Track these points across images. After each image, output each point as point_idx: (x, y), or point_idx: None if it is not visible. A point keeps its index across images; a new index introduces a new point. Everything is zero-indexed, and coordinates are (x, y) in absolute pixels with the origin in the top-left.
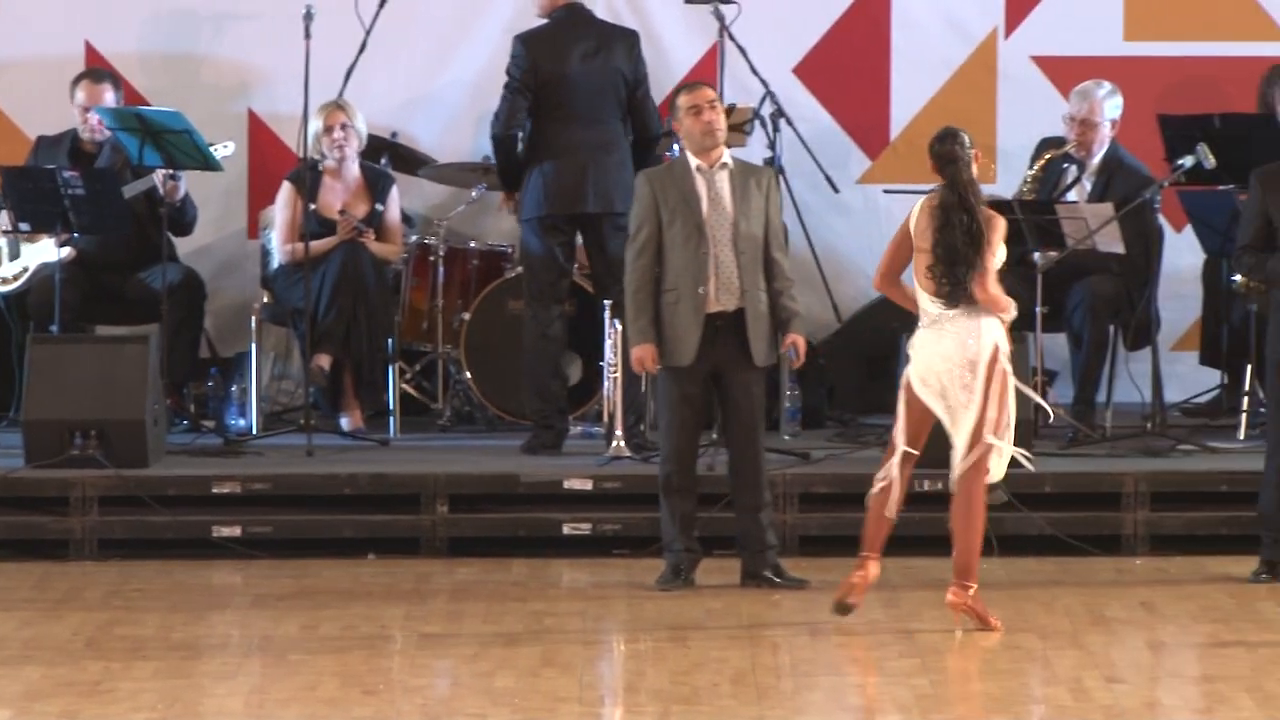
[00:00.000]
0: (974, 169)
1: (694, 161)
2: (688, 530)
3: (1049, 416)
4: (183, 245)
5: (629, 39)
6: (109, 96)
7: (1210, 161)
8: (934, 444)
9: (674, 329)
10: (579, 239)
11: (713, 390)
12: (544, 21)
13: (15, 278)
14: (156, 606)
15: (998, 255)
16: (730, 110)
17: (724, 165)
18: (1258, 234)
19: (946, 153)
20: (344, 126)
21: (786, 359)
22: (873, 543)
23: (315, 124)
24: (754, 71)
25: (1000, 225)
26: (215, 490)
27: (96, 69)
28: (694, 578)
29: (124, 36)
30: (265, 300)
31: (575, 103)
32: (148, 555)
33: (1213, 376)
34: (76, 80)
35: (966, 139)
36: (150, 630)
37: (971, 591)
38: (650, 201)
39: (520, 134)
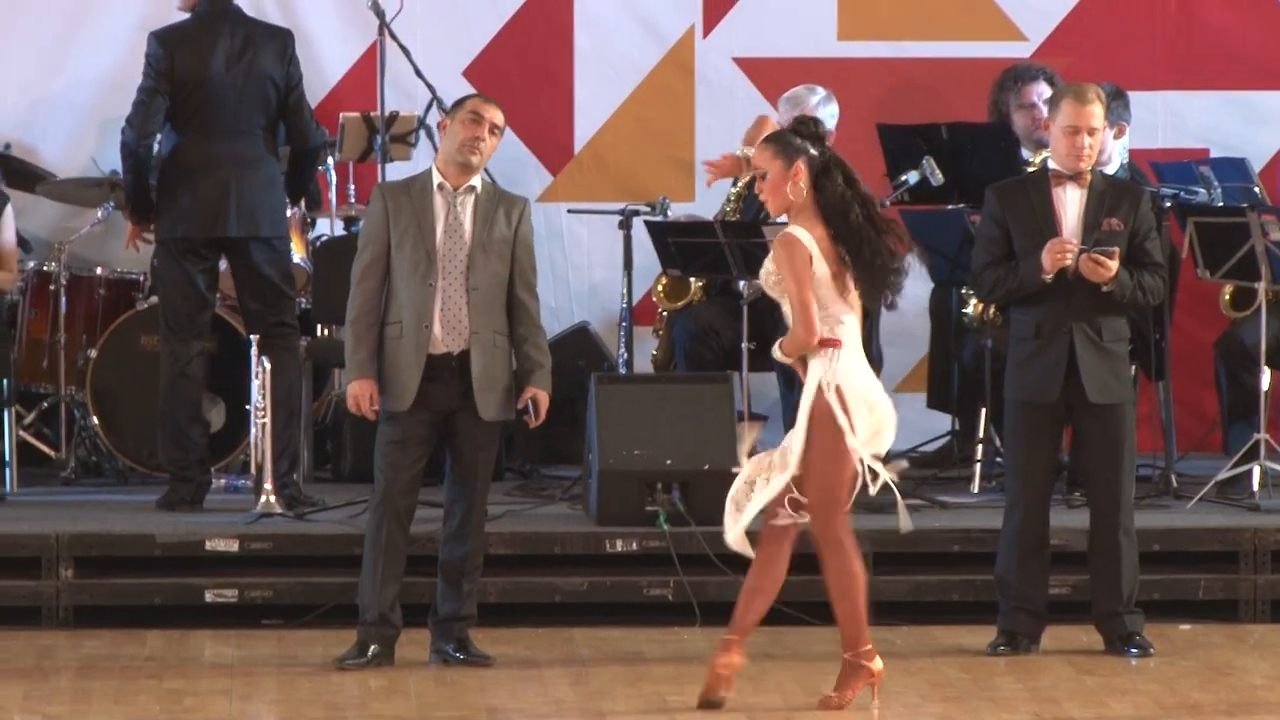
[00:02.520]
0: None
1: (437, 179)
2: (386, 597)
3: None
4: None
5: (281, 38)
6: None
7: (938, 177)
8: None
9: (394, 367)
10: (222, 265)
11: (441, 438)
12: (185, 16)
13: None
14: None
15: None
16: (392, 119)
17: (471, 189)
18: (998, 251)
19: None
20: None
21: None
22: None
23: None
24: (419, 74)
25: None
26: None
27: None
28: (391, 656)
29: None
30: None
31: (218, 111)
32: None
33: (943, 422)
34: None
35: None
36: None
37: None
38: (381, 219)
39: (154, 144)
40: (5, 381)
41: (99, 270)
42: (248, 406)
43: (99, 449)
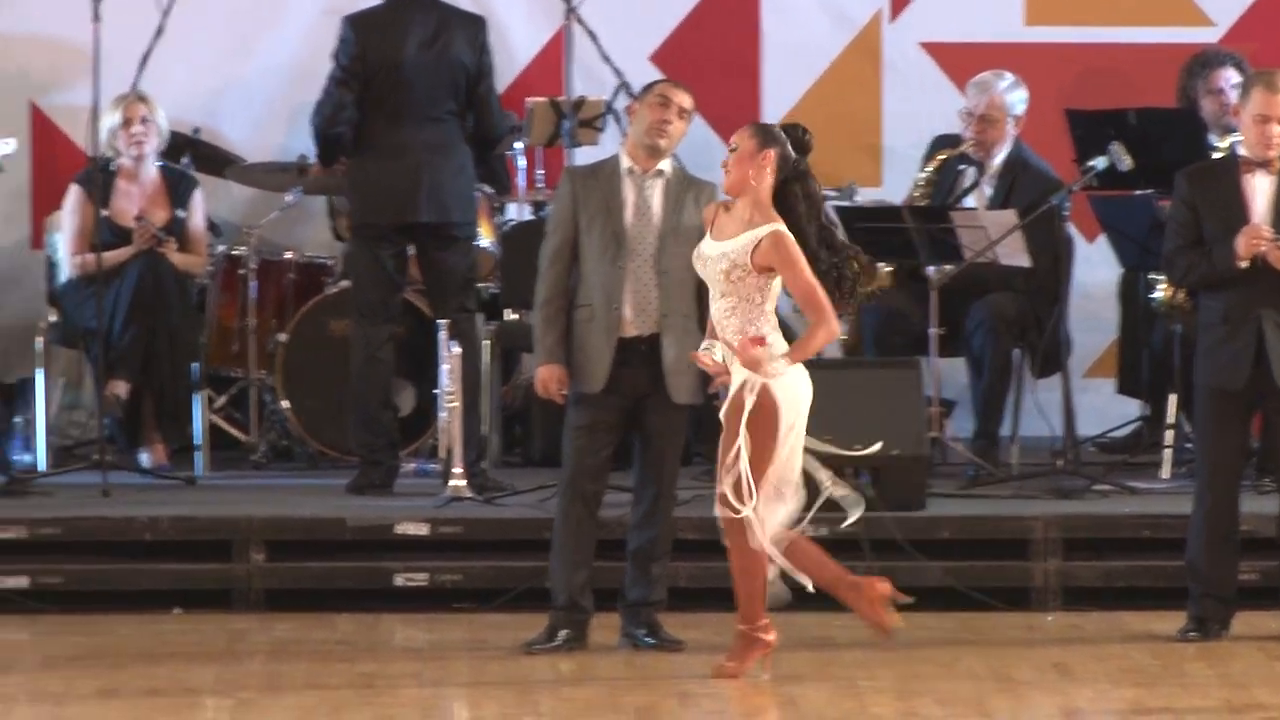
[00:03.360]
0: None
1: (626, 163)
2: (576, 582)
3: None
4: None
5: (473, 25)
6: None
7: (1126, 163)
8: None
9: (584, 351)
10: (410, 251)
11: (630, 423)
12: (378, 1)
13: None
14: None
15: None
16: (579, 104)
17: (659, 173)
18: (1189, 236)
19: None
20: (144, 121)
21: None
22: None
23: (110, 118)
24: (606, 60)
25: None
26: None
27: None
28: (582, 641)
29: None
30: (53, 319)
31: (409, 97)
32: None
33: (1132, 407)
34: None
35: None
36: None
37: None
38: (569, 203)
39: (346, 131)
40: (196, 366)
41: (288, 255)
42: (436, 391)
43: (289, 433)
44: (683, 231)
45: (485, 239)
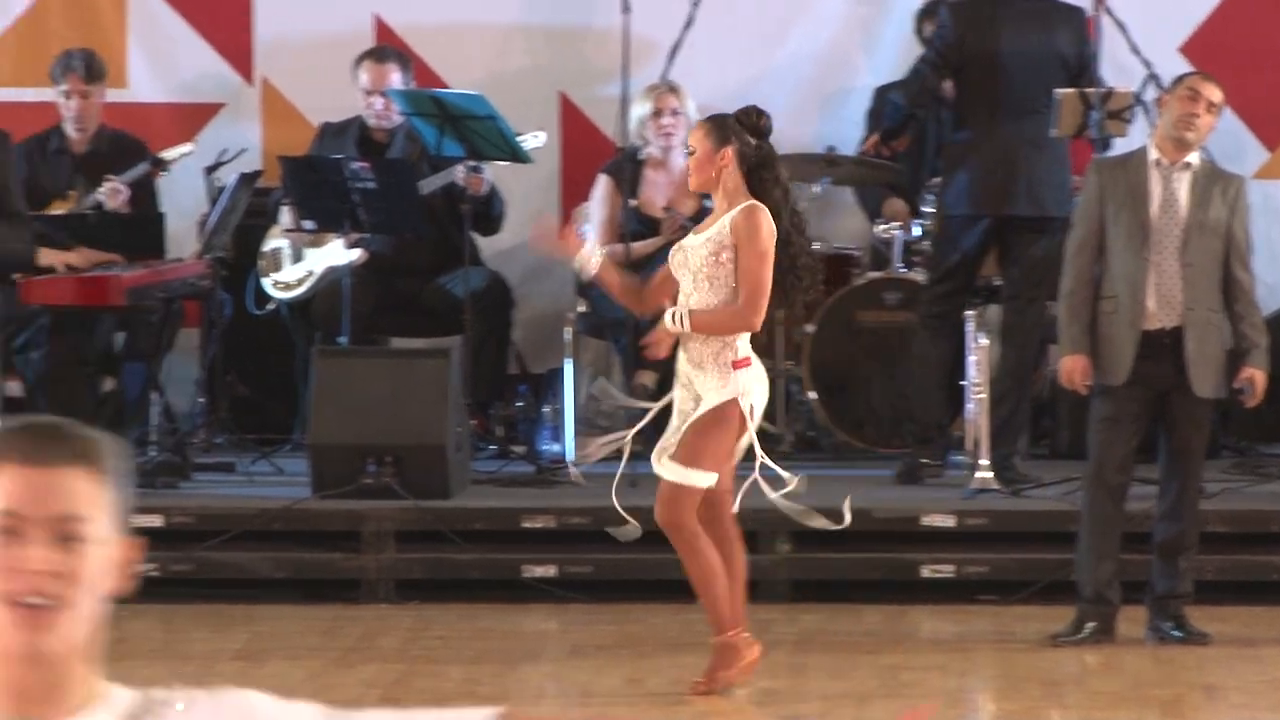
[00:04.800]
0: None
1: (1154, 155)
2: (1102, 575)
3: None
4: (487, 246)
5: (1075, 17)
6: (395, 78)
7: None
8: None
9: (1108, 342)
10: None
11: (1155, 415)
12: None
13: (298, 282)
14: (460, 656)
15: None
16: (1107, 95)
17: (1187, 165)
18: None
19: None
20: (674, 112)
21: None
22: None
23: (640, 109)
24: (1134, 51)
25: None
26: (526, 525)
27: (382, 47)
28: (1110, 633)
29: (416, 8)
30: (581, 309)
31: (1007, 88)
32: (450, 597)
33: None
34: (359, 60)
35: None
36: (453, 683)
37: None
38: (1095, 194)
39: (922, 118)
40: None
41: (816, 245)
42: (963, 383)
43: (815, 424)
44: (1209, 225)
45: None
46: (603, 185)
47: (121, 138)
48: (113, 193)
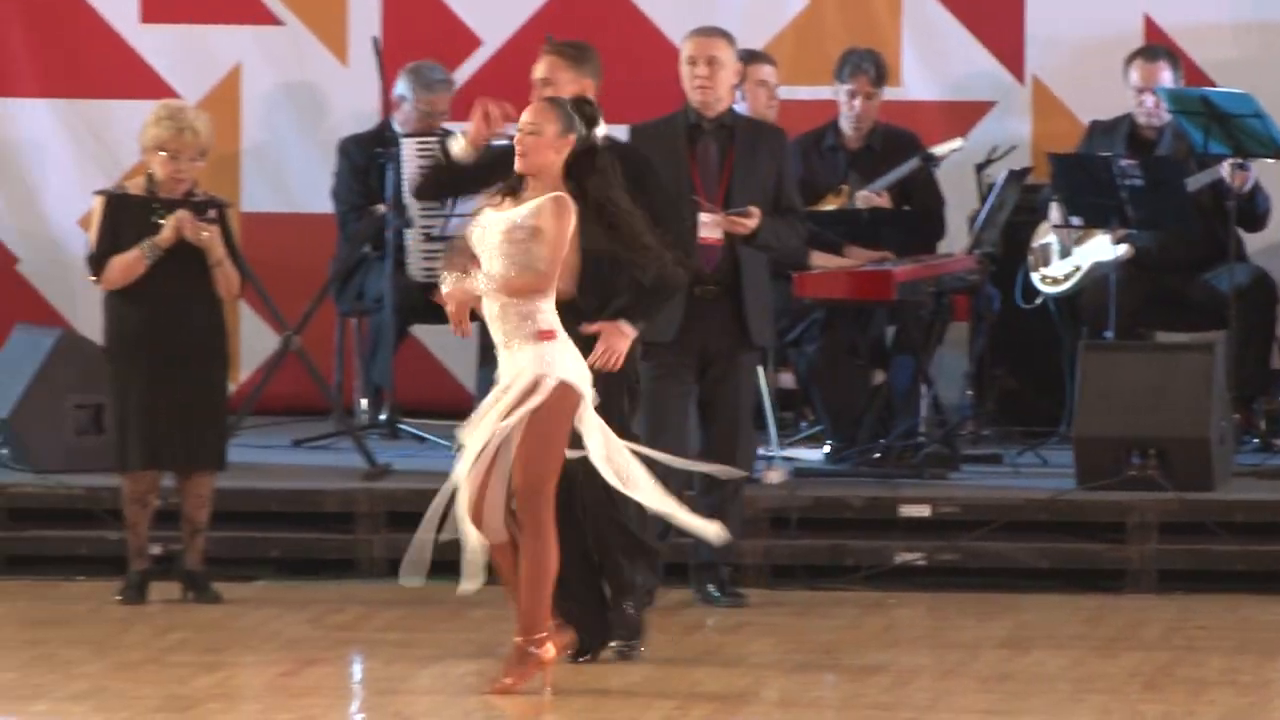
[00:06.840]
0: None
1: None
2: None
3: None
4: (1252, 243)
5: None
6: (1165, 76)
7: None
8: None
9: None
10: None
11: None
12: None
13: (1065, 277)
14: (1221, 646)
15: None
16: None
17: None
18: None
19: None
20: None
21: None
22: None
23: None
24: None
25: None
26: None
27: (1152, 46)
28: None
29: (1187, 7)
30: None
31: None
32: (1212, 589)
33: None
34: (1130, 59)
35: None
36: (1213, 672)
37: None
38: None
39: None
40: None
41: None
42: None
43: None
44: None
45: None
46: None
47: (894, 133)
48: (865, 200)
